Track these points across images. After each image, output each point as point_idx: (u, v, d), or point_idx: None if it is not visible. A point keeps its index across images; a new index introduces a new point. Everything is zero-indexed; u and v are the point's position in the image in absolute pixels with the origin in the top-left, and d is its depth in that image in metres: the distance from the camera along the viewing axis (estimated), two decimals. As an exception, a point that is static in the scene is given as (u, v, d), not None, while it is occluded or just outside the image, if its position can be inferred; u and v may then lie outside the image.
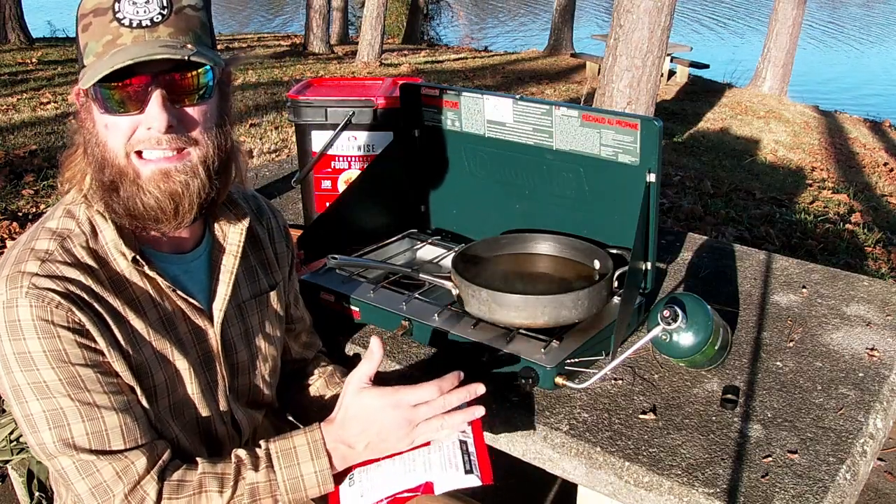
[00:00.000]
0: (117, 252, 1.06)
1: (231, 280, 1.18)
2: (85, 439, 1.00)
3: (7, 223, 3.82)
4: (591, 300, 1.41)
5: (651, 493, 1.15)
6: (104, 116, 1.00)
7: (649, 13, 4.61)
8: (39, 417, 0.99)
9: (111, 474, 1.01)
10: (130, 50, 0.96)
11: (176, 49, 0.97)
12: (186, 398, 1.13)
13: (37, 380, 0.98)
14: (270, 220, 1.32)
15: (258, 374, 1.25)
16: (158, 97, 0.99)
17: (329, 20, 12.05)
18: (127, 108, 0.99)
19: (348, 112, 1.90)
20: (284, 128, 5.92)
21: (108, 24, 0.97)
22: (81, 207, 1.08)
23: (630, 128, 1.47)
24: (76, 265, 1.03)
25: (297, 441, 1.11)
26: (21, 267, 1.00)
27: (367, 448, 1.12)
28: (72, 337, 0.99)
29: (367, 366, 1.13)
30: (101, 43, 0.98)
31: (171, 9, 0.99)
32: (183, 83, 1.01)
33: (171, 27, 0.99)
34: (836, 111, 10.46)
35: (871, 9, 29.81)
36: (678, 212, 4.83)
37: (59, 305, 0.98)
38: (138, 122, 1.00)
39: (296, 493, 1.10)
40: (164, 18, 0.98)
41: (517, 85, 9.65)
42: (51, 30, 14.39)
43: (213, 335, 1.16)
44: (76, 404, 0.99)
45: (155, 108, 0.99)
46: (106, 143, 1.02)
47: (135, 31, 0.97)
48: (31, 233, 1.07)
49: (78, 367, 0.99)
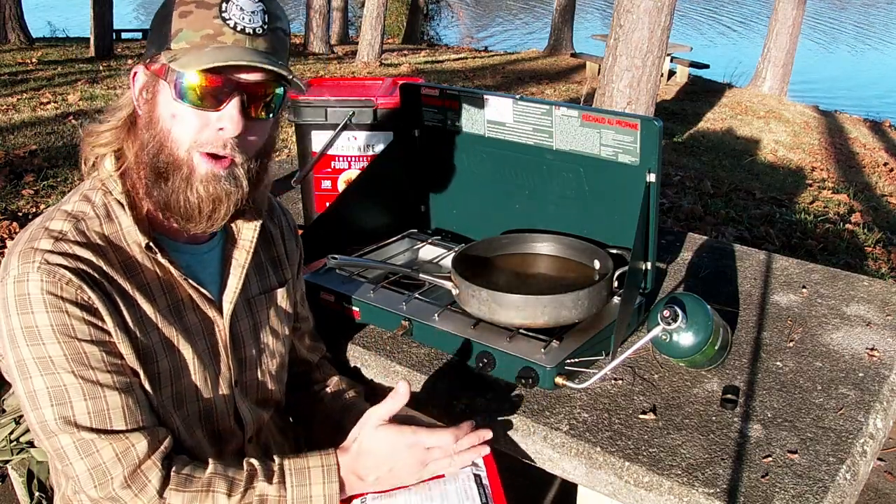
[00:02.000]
0: (131, 238, 1.08)
1: (242, 274, 1.19)
2: (86, 417, 1.00)
3: (7, 223, 3.82)
4: (591, 300, 1.41)
5: (651, 493, 1.15)
6: (177, 104, 1.02)
7: (649, 13, 4.61)
8: (42, 394, 0.99)
9: (111, 455, 1.01)
10: (234, 50, 1.00)
11: (275, 64, 1.01)
12: (190, 388, 1.13)
13: (42, 354, 0.99)
14: (281, 218, 1.34)
15: (265, 369, 1.25)
16: (238, 102, 1.02)
17: (329, 20, 12.06)
18: (204, 104, 1.01)
19: (348, 112, 1.90)
20: (284, 128, 5.92)
21: (212, 19, 1.00)
22: (99, 193, 1.09)
23: (630, 128, 1.47)
24: (89, 246, 1.04)
25: (312, 462, 1.12)
26: (34, 244, 1.01)
27: (377, 481, 1.13)
28: (80, 313, 1.00)
29: (389, 404, 1.14)
30: (199, 34, 1.00)
31: (270, 26, 1.03)
32: (260, 96, 1.04)
33: (267, 42, 1.03)
34: (836, 111, 10.46)
35: (871, 9, 29.80)
36: (678, 212, 4.84)
37: (70, 282, 0.99)
38: (209, 119, 1.02)
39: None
40: (263, 32, 1.02)
41: (517, 85, 9.65)
42: (51, 30, 14.39)
43: (222, 327, 1.17)
44: (79, 381, 1.00)
45: (234, 111, 1.02)
46: (170, 130, 1.03)
47: (237, 35, 1.00)
48: (46, 214, 1.08)
49: (84, 343, 1.00)
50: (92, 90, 7.42)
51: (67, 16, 16.74)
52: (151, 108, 1.04)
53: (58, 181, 4.59)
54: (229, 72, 1.00)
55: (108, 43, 10.26)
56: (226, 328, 1.17)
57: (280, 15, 1.06)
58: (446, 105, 1.72)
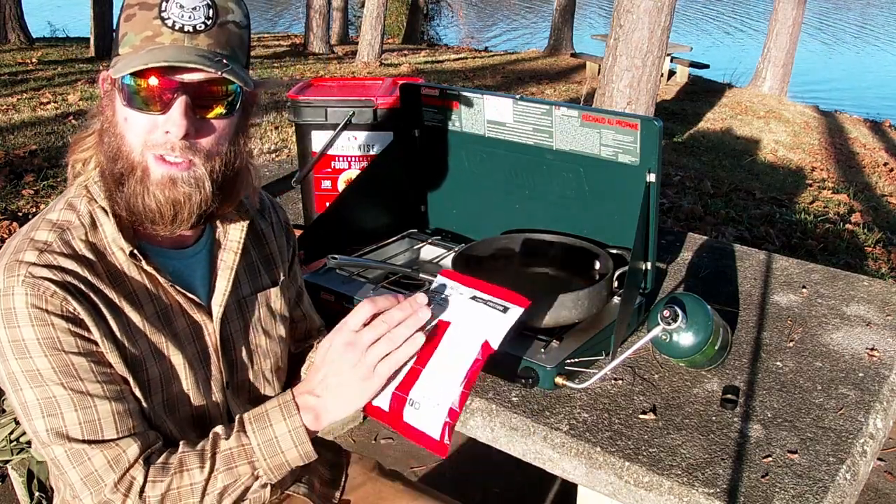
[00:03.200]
0: (115, 246, 1.07)
1: (231, 276, 1.18)
2: (77, 428, 1.01)
3: (7, 223, 3.82)
4: (591, 300, 1.41)
5: (651, 493, 1.15)
6: (126, 109, 1.01)
7: (649, 13, 4.61)
8: (33, 406, 1.00)
9: (102, 463, 1.02)
10: (167, 51, 0.97)
11: (211, 62, 0.98)
12: (181, 393, 1.13)
13: (30, 367, 0.99)
14: (272, 214, 1.33)
15: (258, 370, 1.24)
16: (182, 104, 0.99)
17: (329, 20, 12.06)
18: (149, 107, 1.00)
19: (348, 112, 1.90)
20: (284, 128, 5.92)
21: (152, 20, 0.99)
22: (83, 201, 1.09)
23: (630, 128, 1.47)
24: (74, 257, 1.03)
25: (269, 405, 1.10)
26: (19, 256, 1.01)
27: (328, 390, 1.07)
28: (66, 325, 0.99)
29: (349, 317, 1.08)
30: (139, 37, 0.99)
31: (215, 20, 1.00)
32: (209, 95, 1.01)
33: (211, 38, 1.00)
34: (836, 111, 10.46)
35: (871, 9, 29.81)
36: (678, 212, 4.84)
37: (55, 294, 0.99)
38: (157, 122, 1.01)
39: (273, 456, 1.08)
40: (206, 28, 0.99)
41: (517, 85, 9.65)
42: (51, 30, 14.38)
43: (212, 331, 1.16)
44: (69, 393, 1.00)
45: (177, 113, 0.99)
46: (124, 135, 1.03)
47: (175, 34, 0.98)
48: (31, 224, 1.07)
49: (71, 355, 1.00)
50: (92, 90, 7.42)
51: (67, 16, 16.74)
52: (110, 114, 1.04)
53: (58, 181, 4.59)
54: (170, 73, 0.98)
55: (109, 43, 10.25)
56: (216, 332, 1.16)
57: (232, 8, 1.02)
58: (446, 105, 1.72)
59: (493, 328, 1.09)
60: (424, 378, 1.10)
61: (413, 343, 1.07)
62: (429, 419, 1.08)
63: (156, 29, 0.98)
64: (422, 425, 1.09)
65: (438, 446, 1.08)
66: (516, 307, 1.11)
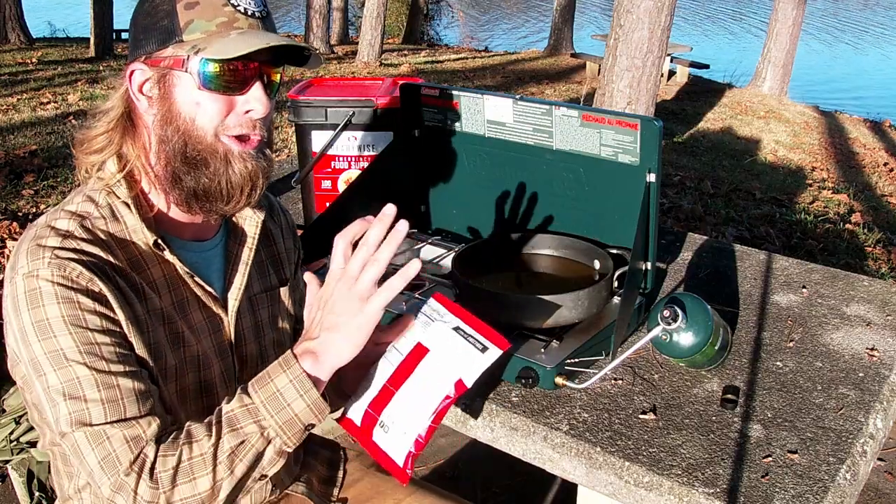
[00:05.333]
0: (136, 237, 1.08)
1: (246, 271, 1.19)
2: (100, 409, 0.99)
3: (7, 223, 3.82)
4: (591, 300, 1.41)
5: (651, 493, 1.15)
6: (200, 93, 1.04)
7: (649, 13, 4.61)
8: (56, 390, 0.98)
9: (121, 442, 0.99)
10: (257, 34, 1.03)
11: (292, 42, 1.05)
12: (194, 385, 1.13)
13: (54, 348, 0.98)
14: (281, 217, 1.35)
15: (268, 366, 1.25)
16: (261, 84, 1.06)
17: (329, 20, 12.06)
18: (231, 89, 1.04)
19: (348, 112, 1.90)
20: (284, 128, 5.92)
21: (222, 6, 1.03)
22: (102, 194, 1.09)
23: (630, 128, 1.47)
24: (96, 242, 1.04)
25: (271, 366, 1.06)
26: (42, 241, 1.01)
27: (323, 329, 1.03)
28: (91, 305, 0.99)
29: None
30: (213, 23, 1.03)
31: (267, 7, 1.09)
32: (273, 77, 1.09)
33: (270, 23, 1.08)
34: (836, 111, 10.46)
35: (871, 9, 29.81)
36: (678, 212, 4.84)
37: (81, 274, 0.99)
38: (234, 103, 1.05)
39: (280, 411, 1.02)
40: (267, 14, 1.08)
41: (517, 85, 9.65)
42: (51, 30, 14.39)
43: (227, 324, 1.17)
44: (92, 373, 0.99)
45: (260, 91, 1.06)
46: (194, 120, 1.05)
47: (250, 20, 1.04)
48: (48, 214, 1.07)
49: (96, 333, 0.99)
50: (92, 90, 7.43)
51: (67, 16, 16.75)
52: (166, 102, 1.05)
53: (58, 181, 4.59)
54: (254, 56, 1.03)
55: (109, 43, 10.27)
56: (231, 325, 1.17)
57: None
58: (446, 105, 1.72)
59: (469, 367, 1.08)
60: (397, 402, 1.10)
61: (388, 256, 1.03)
62: (395, 445, 1.09)
63: (230, 15, 1.03)
64: (388, 449, 1.10)
65: (400, 473, 1.09)
66: (495, 348, 1.09)
